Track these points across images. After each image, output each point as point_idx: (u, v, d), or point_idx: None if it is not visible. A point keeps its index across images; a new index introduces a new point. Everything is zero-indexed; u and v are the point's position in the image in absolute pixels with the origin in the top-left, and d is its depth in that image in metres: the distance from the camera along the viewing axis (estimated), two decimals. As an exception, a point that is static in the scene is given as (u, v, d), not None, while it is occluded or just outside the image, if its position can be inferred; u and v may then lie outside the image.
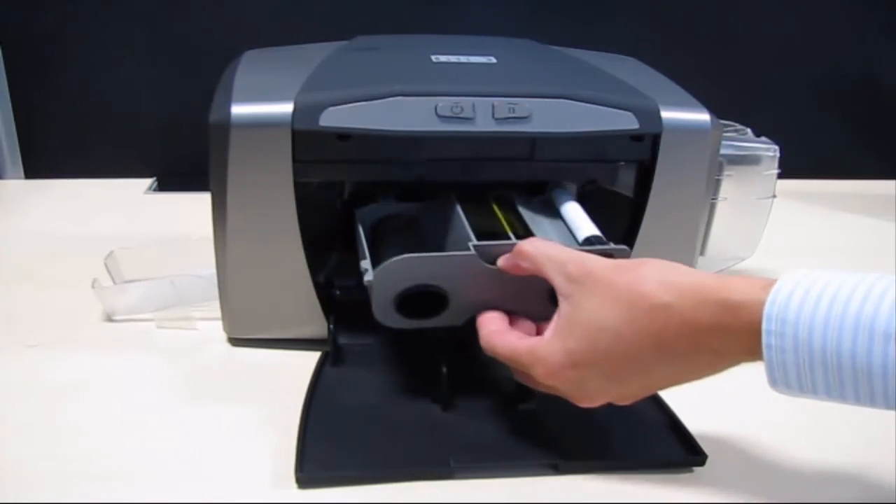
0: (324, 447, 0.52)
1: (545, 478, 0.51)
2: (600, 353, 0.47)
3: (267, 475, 0.51)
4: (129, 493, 0.49)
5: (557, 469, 0.51)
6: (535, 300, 0.54)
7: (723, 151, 0.67)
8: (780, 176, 0.77)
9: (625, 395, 0.49)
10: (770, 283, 0.43)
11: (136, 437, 0.54)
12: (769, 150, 0.76)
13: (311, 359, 0.62)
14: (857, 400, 0.41)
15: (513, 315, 0.55)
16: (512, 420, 0.54)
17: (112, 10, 1.00)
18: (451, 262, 0.55)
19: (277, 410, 0.57)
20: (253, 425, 0.56)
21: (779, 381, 0.43)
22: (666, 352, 0.46)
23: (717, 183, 0.74)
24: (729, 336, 0.44)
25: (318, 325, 0.64)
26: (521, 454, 0.52)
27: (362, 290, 0.66)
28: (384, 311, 0.56)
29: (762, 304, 0.42)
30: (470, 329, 0.65)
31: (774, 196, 0.78)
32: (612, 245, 0.56)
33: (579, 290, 0.48)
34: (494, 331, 0.53)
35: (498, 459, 0.52)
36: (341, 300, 0.65)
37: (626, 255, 0.55)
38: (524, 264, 0.52)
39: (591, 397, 0.49)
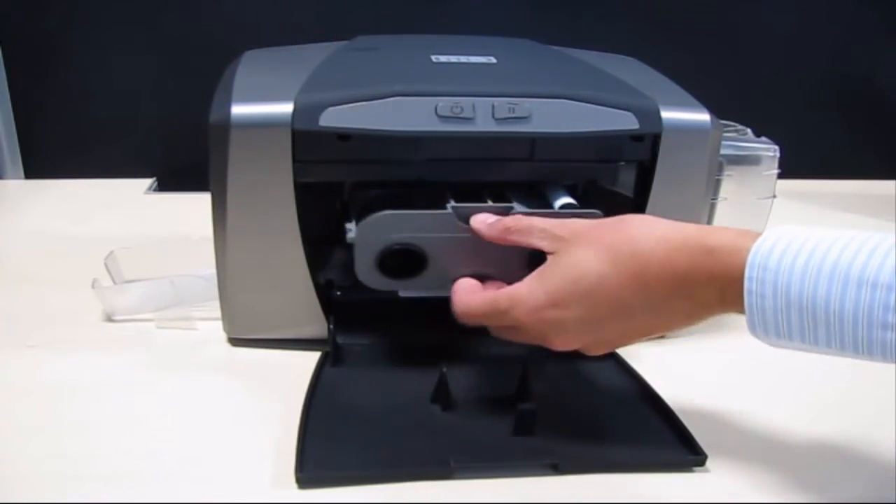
0: (324, 447, 0.52)
1: (545, 478, 0.51)
2: (581, 294, 0.49)
3: (267, 475, 0.51)
4: (129, 493, 0.49)
5: (557, 469, 0.51)
6: (514, 266, 0.57)
7: (723, 151, 0.67)
8: (780, 176, 0.77)
9: (600, 339, 0.51)
10: (748, 233, 0.46)
11: (136, 437, 0.54)
12: (769, 150, 0.76)
13: (311, 359, 0.62)
14: (829, 345, 0.43)
15: (487, 279, 0.57)
16: (512, 420, 0.54)
17: (112, 11, 1.00)
18: (430, 219, 0.58)
19: (277, 410, 0.57)
20: (253, 425, 0.56)
21: (758, 326, 0.45)
22: (644, 294, 0.47)
23: (717, 183, 0.74)
24: (706, 280, 0.46)
25: (318, 325, 0.64)
26: (521, 454, 0.52)
27: (362, 290, 0.66)
28: (366, 271, 0.59)
29: (742, 251, 0.44)
30: (469, 329, 0.65)
31: (774, 196, 0.78)
32: (586, 210, 0.58)
33: (565, 245, 0.51)
34: (467, 289, 0.55)
35: (498, 459, 0.52)
36: (341, 300, 0.65)
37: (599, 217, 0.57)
38: (513, 237, 0.54)
39: (565, 339, 0.51)
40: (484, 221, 0.56)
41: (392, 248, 0.58)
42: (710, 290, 0.46)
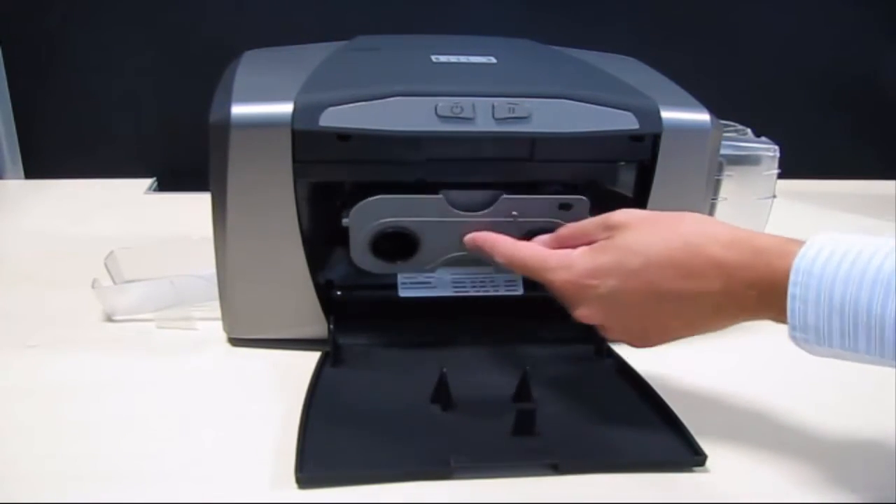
0: (324, 447, 0.52)
1: (545, 478, 0.51)
2: (624, 271, 0.50)
3: (267, 475, 0.51)
4: (129, 493, 0.49)
5: (557, 469, 0.51)
6: None
7: (723, 151, 0.68)
8: (780, 176, 0.77)
9: (622, 321, 0.52)
10: (794, 240, 0.47)
11: (136, 437, 0.54)
12: (769, 150, 0.76)
13: (311, 359, 0.62)
14: (869, 352, 0.43)
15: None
16: (512, 420, 0.54)
17: (112, 11, 1.00)
18: (421, 203, 0.61)
19: (277, 410, 0.57)
20: (253, 425, 0.56)
21: (798, 331, 0.45)
22: (682, 283, 0.49)
23: (717, 183, 0.74)
24: (749, 281, 0.47)
25: (318, 325, 0.64)
26: (520, 454, 0.52)
27: (362, 290, 0.66)
28: (361, 254, 0.62)
29: (788, 255, 0.45)
30: (469, 330, 0.65)
31: (774, 196, 0.78)
32: (573, 196, 0.61)
33: (620, 230, 0.52)
34: (516, 241, 0.58)
35: (498, 459, 0.52)
36: (341, 300, 0.65)
37: (585, 206, 0.61)
38: (575, 242, 0.55)
39: (589, 309, 0.52)
40: (544, 242, 0.57)
41: (385, 231, 0.61)
42: (750, 292, 0.47)
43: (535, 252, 0.56)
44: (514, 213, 0.62)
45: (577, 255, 0.53)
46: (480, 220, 0.62)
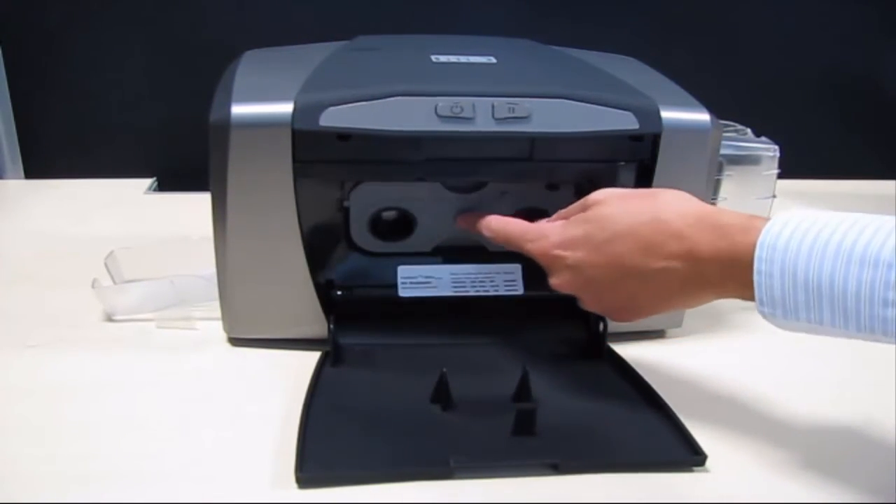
0: (324, 447, 0.52)
1: (545, 478, 0.51)
2: (592, 245, 0.53)
3: (267, 475, 0.51)
4: (129, 493, 0.49)
5: (557, 469, 0.51)
6: None
7: (723, 151, 0.68)
8: (780, 176, 0.77)
9: (591, 290, 0.55)
10: (759, 217, 0.48)
11: (135, 437, 0.54)
12: (769, 150, 0.76)
13: (311, 359, 0.62)
14: (833, 324, 0.44)
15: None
16: (512, 420, 0.54)
17: (112, 10, 1.00)
18: (418, 185, 0.65)
19: (277, 410, 0.57)
20: (253, 425, 0.56)
21: (766, 305, 0.46)
22: (646, 256, 0.50)
23: (717, 183, 0.74)
24: (712, 255, 0.48)
25: (318, 325, 0.64)
26: (521, 454, 0.52)
27: (362, 290, 0.66)
28: (360, 233, 0.67)
29: (752, 230, 0.47)
30: (469, 330, 0.65)
31: (774, 196, 0.78)
32: None
33: (595, 206, 0.55)
34: (503, 216, 0.61)
35: (498, 459, 0.52)
36: (341, 300, 0.65)
37: (569, 188, 0.67)
38: (556, 219, 0.59)
39: (561, 277, 0.55)
40: (524, 238, 0.59)
41: (383, 211, 0.66)
42: (713, 266, 0.48)
43: (518, 224, 0.59)
44: (503, 192, 0.67)
45: (551, 227, 0.57)
46: (472, 200, 0.67)
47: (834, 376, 0.64)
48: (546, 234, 0.56)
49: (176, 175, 1.05)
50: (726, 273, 0.48)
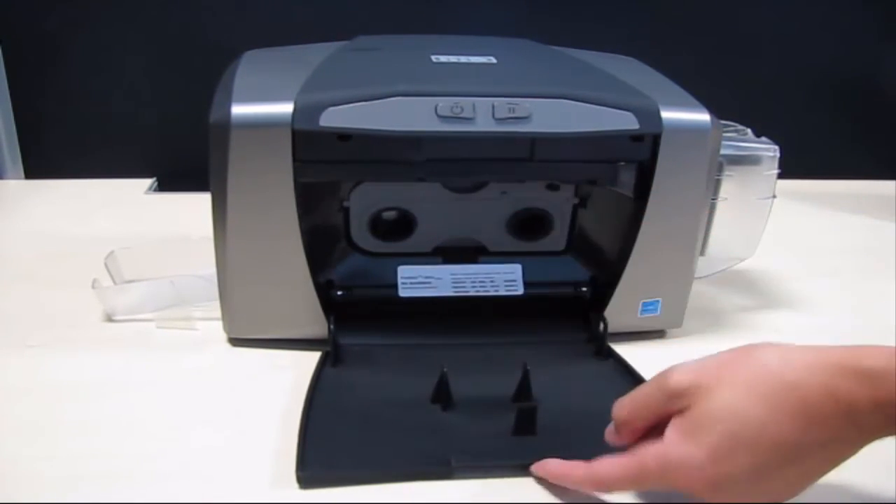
0: (325, 447, 0.52)
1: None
2: (747, 443, 0.43)
3: (267, 475, 0.51)
4: (129, 493, 0.49)
5: None
6: (496, 229, 0.68)
7: (723, 151, 0.67)
8: (780, 176, 0.76)
9: (771, 490, 0.44)
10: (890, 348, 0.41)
11: (135, 437, 0.54)
12: (769, 151, 0.76)
13: (311, 359, 0.62)
14: None
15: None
16: (512, 419, 0.54)
17: (112, 11, 1.00)
18: (417, 185, 0.65)
19: (277, 410, 0.57)
20: (253, 425, 0.56)
21: None
22: (811, 431, 0.42)
23: (717, 183, 0.74)
24: (873, 407, 0.41)
25: (318, 325, 0.64)
26: (521, 454, 0.52)
27: (362, 290, 0.66)
28: (360, 233, 0.67)
29: None
30: (469, 329, 0.65)
31: (774, 196, 0.77)
32: None
33: (695, 395, 0.45)
34: (588, 464, 0.48)
35: (499, 459, 0.52)
36: (341, 300, 0.65)
37: (569, 188, 0.66)
38: (636, 422, 0.48)
39: (734, 494, 0.44)
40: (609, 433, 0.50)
41: (383, 211, 0.67)
42: (877, 417, 0.41)
43: (623, 465, 0.47)
44: (504, 192, 0.67)
45: (676, 451, 0.44)
46: (472, 200, 0.67)
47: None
48: (680, 464, 0.44)
49: (176, 175, 1.05)
50: (892, 420, 0.41)
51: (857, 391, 0.41)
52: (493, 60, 0.67)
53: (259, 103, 0.57)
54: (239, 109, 0.57)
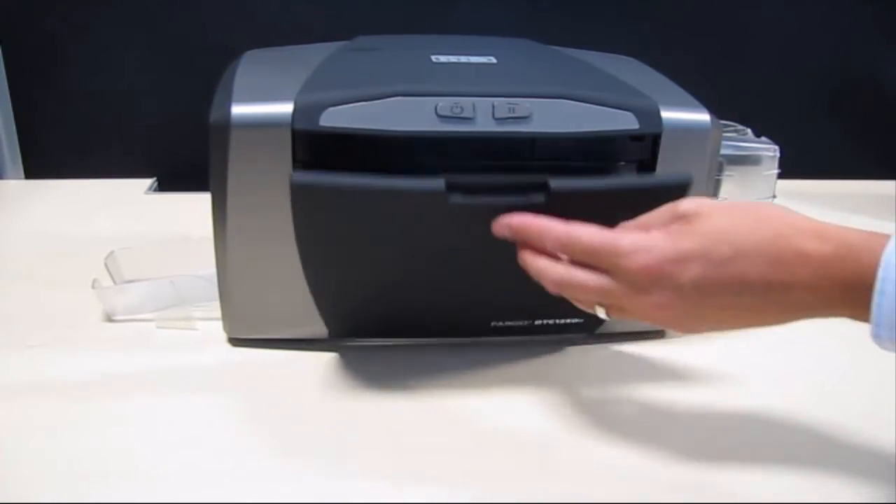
0: None
1: (547, 477, 0.51)
2: (713, 261, 0.47)
3: (267, 475, 0.51)
4: (129, 493, 0.49)
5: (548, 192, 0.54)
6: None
7: (723, 152, 0.68)
8: (780, 176, 0.77)
9: (700, 312, 0.48)
10: (883, 234, 0.44)
11: (135, 437, 0.54)
12: (769, 151, 0.76)
13: (311, 359, 0.62)
14: None
15: None
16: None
17: (112, 11, 1.00)
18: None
19: (277, 411, 0.57)
20: (253, 425, 0.56)
21: (882, 326, 0.43)
22: (776, 277, 0.46)
23: (718, 183, 0.74)
24: (839, 275, 0.44)
25: (318, 325, 0.64)
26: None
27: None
28: None
29: (878, 248, 0.43)
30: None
31: (774, 196, 0.78)
32: None
33: (696, 217, 0.48)
34: (568, 223, 0.51)
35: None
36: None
37: None
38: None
39: (663, 299, 0.48)
40: (616, 252, 0.50)
41: None
42: (836, 287, 0.45)
43: (603, 235, 0.50)
44: None
45: (656, 239, 0.48)
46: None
47: (834, 376, 0.64)
48: (649, 248, 0.48)
49: (176, 175, 1.05)
50: (847, 293, 0.45)
51: (830, 257, 0.45)
52: (493, 60, 0.67)
53: (259, 103, 0.57)
54: (239, 109, 0.57)
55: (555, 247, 0.51)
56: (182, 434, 0.55)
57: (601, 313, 0.51)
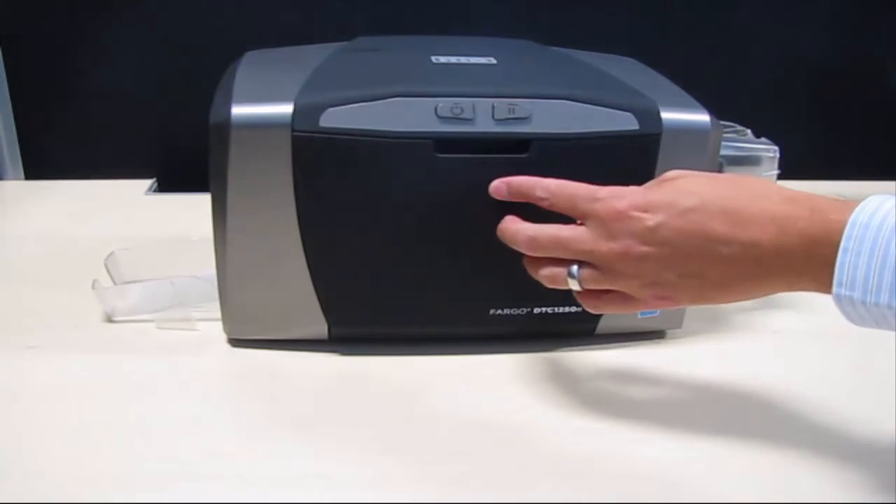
0: None
1: (547, 479, 0.51)
2: (677, 210, 0.49)
3: (267, 475, 0.51)
4: (129, 493, 0.49)
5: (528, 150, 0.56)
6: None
7: (723, 152, 0.67)
8: (780, 176, 0.76)
9: (660, 272, 0.50)
10: (854, 202, 0.46)
11: (135, 437, 0.54)
12: (769, 151, 0.76)
13: (311, 359, 0.62)
14: None
15: None
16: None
17: (112, 11, 1.00)
18: None
19: (277, 411, 0.57)
20: (253, 426, 0.56)
21: (844, 285, 0.44)
22: (737, 232, 0.47)
23: (717, 183, 0.74)
24: (804, 233, 0.46)
25: (318, 325, 0.64)
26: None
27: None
28: None
29: (846, 211, 0.45)
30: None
31: (774, 196, 0.77)
32: None
33: (674, 178, 0.52)
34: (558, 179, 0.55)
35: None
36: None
37: None
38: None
39: (633, 246, 0.50)
40: (592, 197, 0.53)
41: None
42: (800, 248, 0.46)
43: (585, 185, 0.53)
44: None
45: (631, 190, 0.51)
46: None
47: (834, 377, 0.64)
48: (622, 195, 0.51)
49: (176, 175, 1.05)
50: (811, 254, 0.45)
51: (796, 216, 0.46)
52: (493, 61, 0.67)
53: (259, 104, 0.57)
54: (239, 110, 0.57)
55: (545, 193, 0.54)
56: (182, 435, 0.55)
57: (574, 285, 0.53)
